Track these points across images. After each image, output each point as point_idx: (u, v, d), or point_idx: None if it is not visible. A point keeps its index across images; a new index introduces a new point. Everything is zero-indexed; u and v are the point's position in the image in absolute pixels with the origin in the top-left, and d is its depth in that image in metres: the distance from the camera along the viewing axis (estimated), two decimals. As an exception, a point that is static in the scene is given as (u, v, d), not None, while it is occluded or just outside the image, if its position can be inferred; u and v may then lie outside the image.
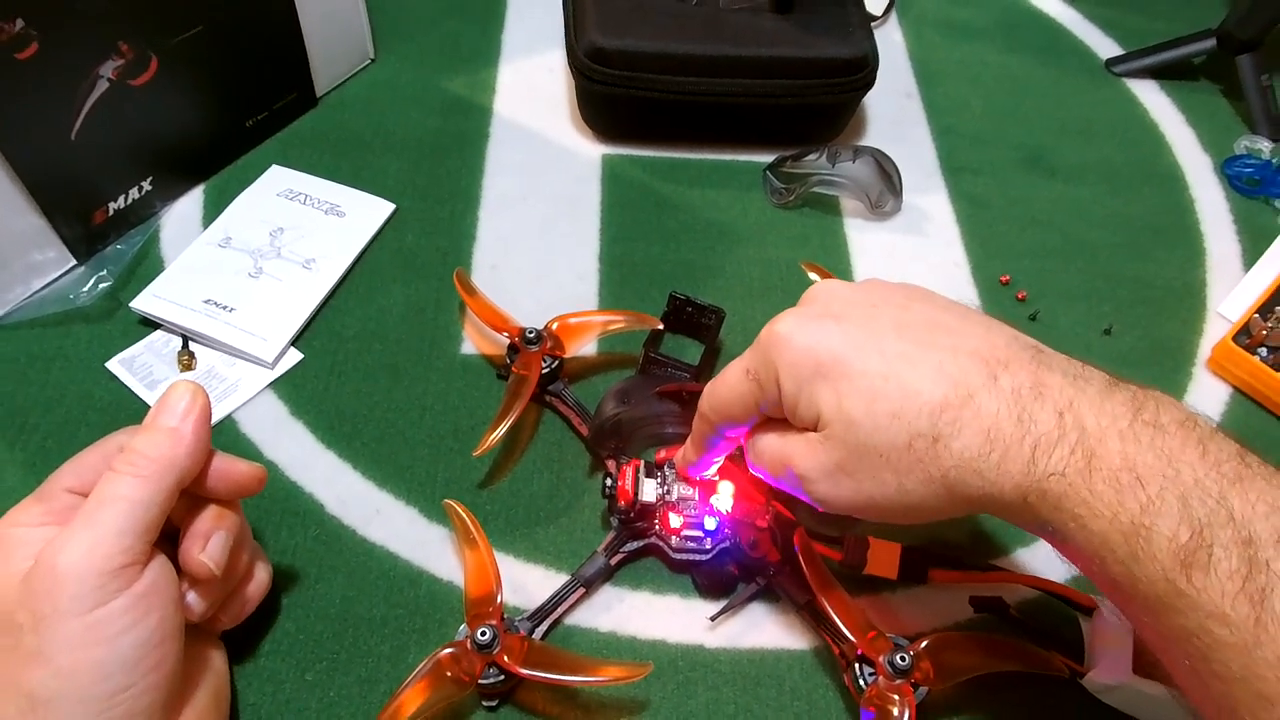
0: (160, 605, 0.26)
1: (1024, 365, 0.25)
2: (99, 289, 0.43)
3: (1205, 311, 0.49)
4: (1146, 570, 0.22)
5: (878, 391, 0.25)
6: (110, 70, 0.40)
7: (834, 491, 0.27)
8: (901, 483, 0.25)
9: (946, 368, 0.25)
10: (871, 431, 0.25)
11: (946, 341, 0.26)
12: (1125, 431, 0.23)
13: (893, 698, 0.30)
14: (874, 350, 0.26)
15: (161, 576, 0.27)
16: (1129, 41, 0.65)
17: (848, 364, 0.26)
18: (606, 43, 0.49)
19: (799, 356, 0.27)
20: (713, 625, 0.35)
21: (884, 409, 0.25)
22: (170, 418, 0.28)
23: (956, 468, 0.24)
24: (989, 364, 0.25)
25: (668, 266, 0.48)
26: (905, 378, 0.25)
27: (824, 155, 0.50)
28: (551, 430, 0.41)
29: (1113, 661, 0.32)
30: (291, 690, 0.33)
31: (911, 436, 0.25)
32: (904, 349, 0.26)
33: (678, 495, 0.36)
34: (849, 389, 0.26)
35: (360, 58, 0.56)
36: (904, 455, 0.25)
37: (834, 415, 0.26)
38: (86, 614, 0.25)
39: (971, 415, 0.24)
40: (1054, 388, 0.24)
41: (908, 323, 0.27)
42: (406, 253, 0.47)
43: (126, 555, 0.25)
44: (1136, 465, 0.23)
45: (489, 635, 0.31)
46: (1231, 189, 0.55)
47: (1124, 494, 0.22)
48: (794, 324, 0.28)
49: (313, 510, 0.37)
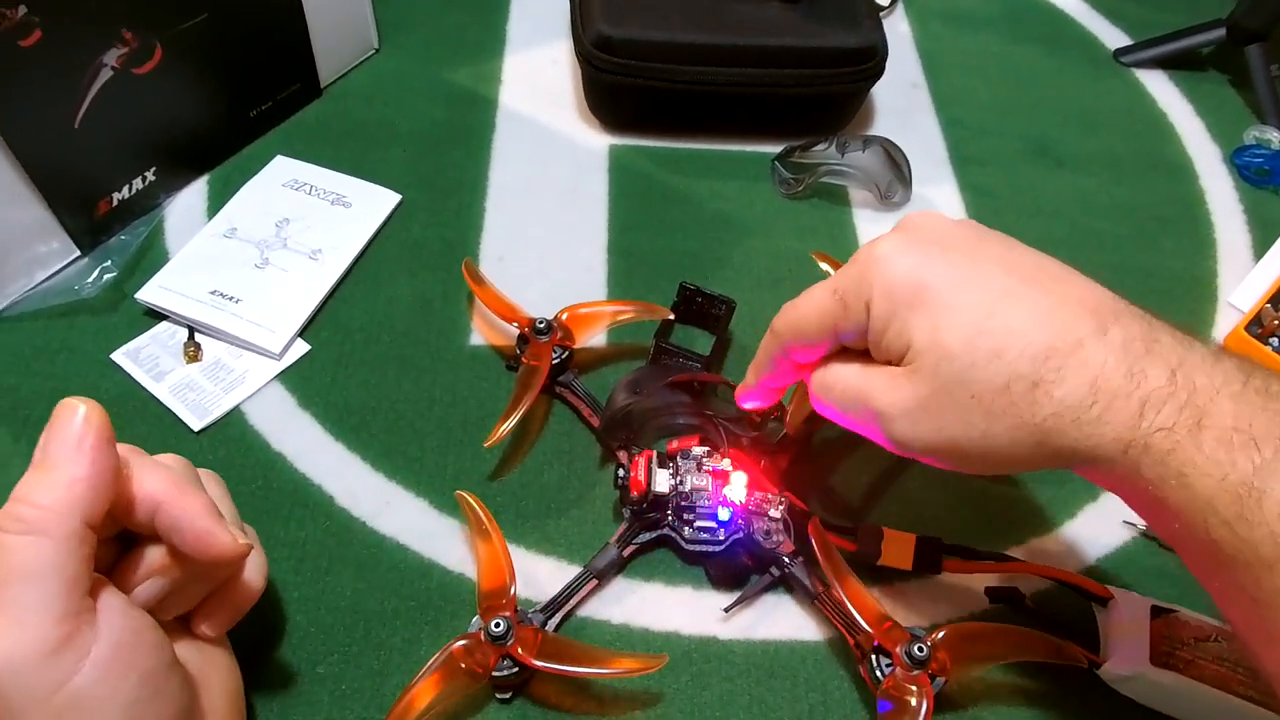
0: (140, 661, 0.23)
1: (1135, 320, 0.24)
2: (103, 280, 0.43)
3: (1216, 302, 0.49)
4: (1255, 533, 0.21)
5: (980, 327, 0.24)
6: (114, 59, 0.40)
7: (912, 431, 0.25)
8: (990, 427, 0.24)
9: (1056, 313, 0.24)
10: (968, 367, 0.24)
11: (1055, 287, 0.25)
12: (1239, 394, 0.23)
13: (910, 688, 0.30)
14: (979, 284, 0.25)
15: (126, 629, 0.23)
16: (1137, 32, 0.64)
17: (951, 294, 0.25)
18: (613, 32, 0.48)
19: (899, 280, 0.25)
20: (726, 617, 0.35)
21: (985, 345, 0.24)
22: (58, 449, 0.23)
23: (1055, 415, 0.23)
24: (1099, 315, 0.24)
25: (676, 257, 0.47)
26: (1010, 316, 0.24)
27: (833, 145, 0.50)
28: (562, 421, 0.40)
29: (1129, 651, 0.32)
30: (304, 684, 0.32)
31: (1011, 378, 0.24)
32: (1011, 286, 0.25)
33: (691, 486, 0.36)
34: (949, 321, 0.24)
35: (364, 48, 0.55)
36: (998, 398, 0.24)
37: (928, 346, 0.25)
38: (48, 700, 0.21)
39: (1078, 364, 0.23)
40: (1165, 345, 0.24)
41: (1014, 262, 0.26)
42: (413, 244, 0.47)
43: (63, 625, 0.22)
44: (1252, 426, 0.22)
45: (503, 627, 0.30)
46: (1241, 179, 0.55)
47: (1236, 454, 0.22)
48: (897, 246, 0.26)
49: (322, 503, 0.37)
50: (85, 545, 0.23)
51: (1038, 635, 0.33)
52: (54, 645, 0.22)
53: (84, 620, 0.22)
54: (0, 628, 0.22)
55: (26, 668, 0.21)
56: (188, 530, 0.25)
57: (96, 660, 0.22)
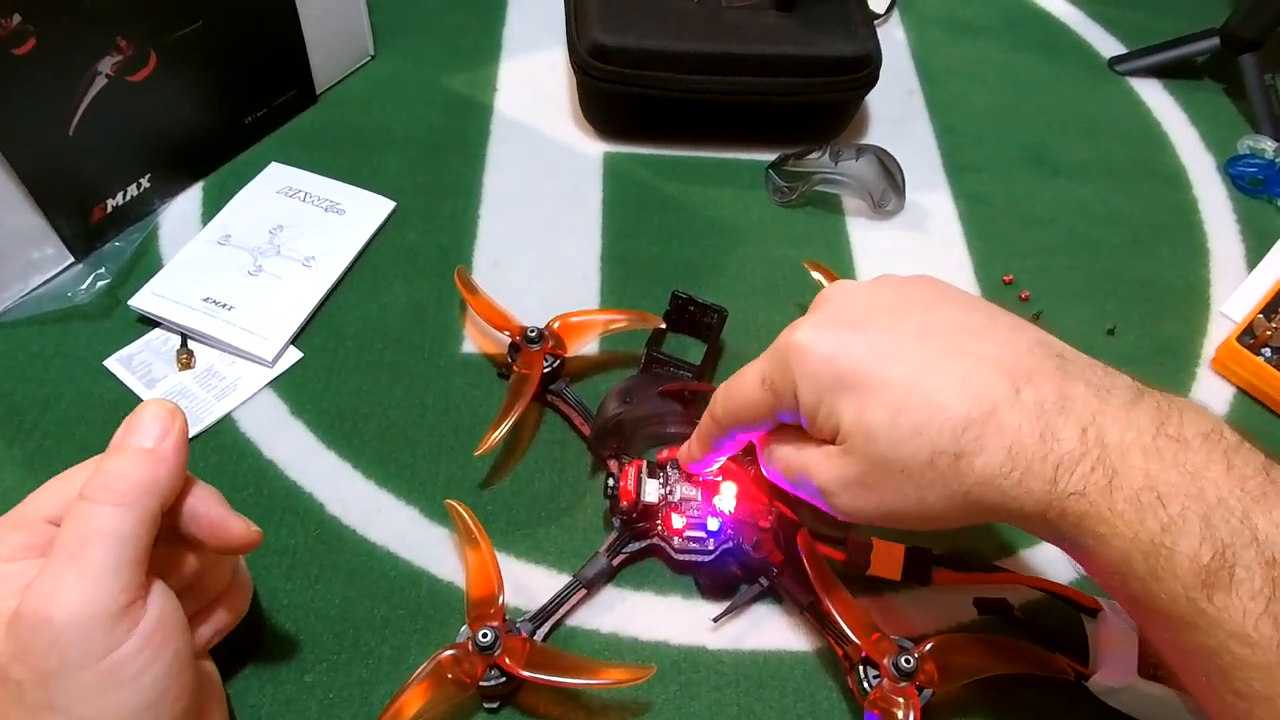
0: (173, 638, 0.25)
1: (1048, 376, 0.25)
2: (97, 287, 0.43)
3: (1209, 312, 0.49)
4: (1167, 588, 0.22)
5: (901, 404, 0.25)
6: (108, 66, 0.40)
7: (854, 504, 0.27)
8: (923, 496, 0.25)
9: (970, 380, 0.25)
10: (894, 446, 0.25)
11: (972, 348, 0.25)
12: (1149, 447, 0.23)
13: (897, 700, 0.30)
14: (897, 359, 0.25)
15: (167, 607, 0.25)
16: (1132, 40, 0.64)
17: (870, 374, 0.25)
18: (608, 40, 0.49)
19: (819, 366, 0.26)
20: (715, 626, 0.35)
21: (907, 422, 0.25)
22: (144, 438, 0.25)
23: (978, 485, 0.24)
24: (1012, 376, 0.25)
25: (669, 265, 0.47)
26: (929, 390, 0.25)
27: (826, 153, 0.50)
28: (553, 430, 0.41)
29: (1118, 663, 0.32)
30: (291, 691, 0.32)
31: (934, 453, 0.24)
32: (928, 358, 0.25)
33: (680, 496, 0.36)
34: (871, 401, 0.25)
35: (360, 54, 0.56)
36: (926, 471, 0.25)
37: (854, 428, 0.26)
38: (98, 662, 0.23)
39: (995, 431, 0.24)
40: (1078, 400, 0.24)
41: (932, 328, 0.26)
42: (407, 251, 0.47)
43: (126, 594, 0.23)
44: (1158, 483, 0.22)
45: (491, 637, 0.31)
46: (1235, 189, 0.55)
47: (1145, 513, 0.22)
48: (813, 332, 0.27)
49: (313, 510, 0.37)
50: (155, 526, 0.25)
51: (1026, 647, 0.33)
52: (116, 611, 0.23)
53: (140, 594, 0.24)
54: (76, 584, 0.23)
55: (91, 626, 0.23)
56: (203, 517, 0.27)
57: (142, 633, 0.24)
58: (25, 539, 0.25)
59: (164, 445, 0.26)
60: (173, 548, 0.27)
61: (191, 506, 0.27)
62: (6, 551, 0.25)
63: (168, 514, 0.26)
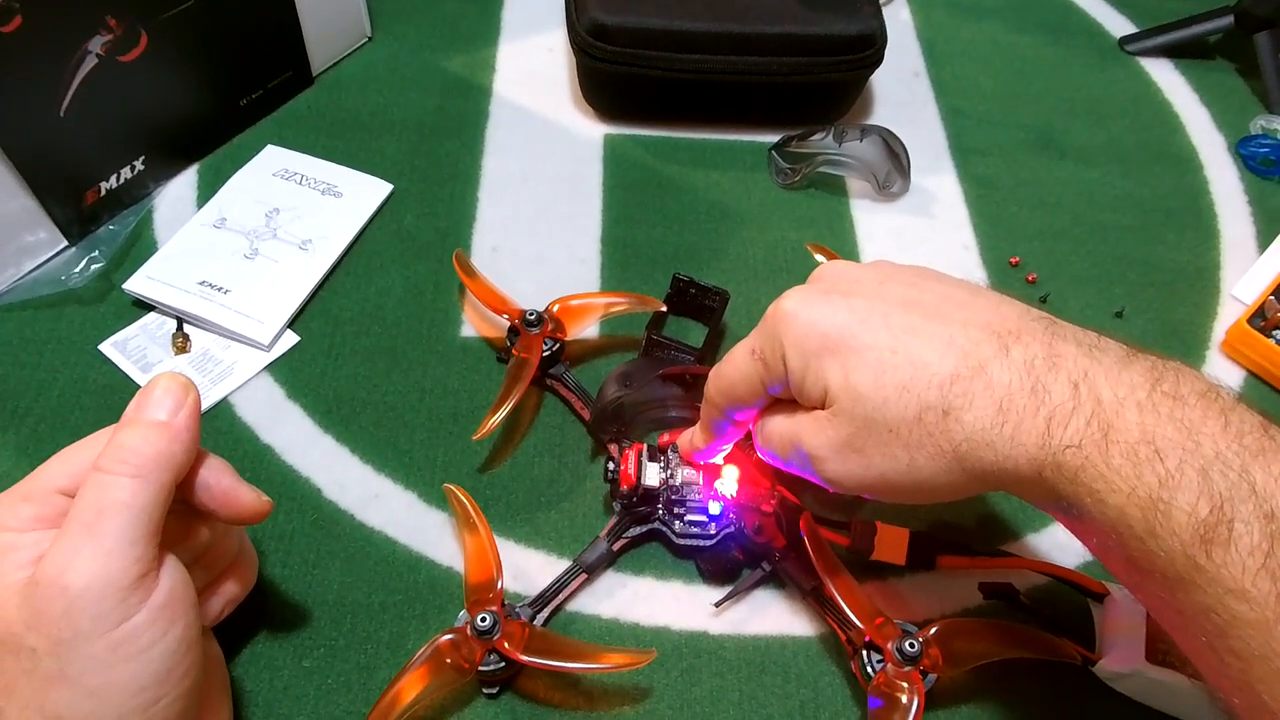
0: (184, 612, 0.25)
1: (1037, 336, 0.25)
2: (91, 270, 0.42)
3: (1219, 294, 0.48)
4: (1165, 545, 0.21)
5: (885, 364, 0.25)
6: (99, 46, 0.39)
7: (843, 469, 0.26)
8: (913, 458, 0.25)
9: (956, 340, 0.25)
10: (880, 405, 0.25)
11: (956, 315, 0.26)
12: (1144, 403, 0.22)
13: (901, 685, 0.30)
14: (881, 324, 0.26)
15: (179, 582, 0.25)
16: (1143, 19, 0.63)
17: (854, 338, 0.26)
18: (608, 19, 0.48)
19: (805, 331, 0.26)
20: (717, 611, 0.35)
21: (892, 381, 0.25)
22: (158, 411, 0.26)
23: (968, 440, 0.24)
24: (1000, 336, 0.25)
25: (670, 248, 0.47)
26: (913, 350, 0.25)
27: (830, 135, 0.49)
28: (552, 414, 0.40)
29: (1125, 649, 0.32)
30: (289, 677, 0.32)
31: (921, 409, 0.24)
32: (912, 322, 0.26)
33: (681, 480, 0.35)
34: (856, 363, 0.25)
35: (357, 36, 0.55)
36: (914, 428, 0.24)
37: (841, 390, 0.26)
38: (110, 633, 0.23)
39: (983, 387, 0.24)
40: (1068, 358, 0.24)
41: (915, 299, 0.27)
42: (405, 234, 0.46)
43: (140, 565, 0.24)
44: (1155, 437, 0.22)
45: (489, 621, 0.30)
46: (1246, 169, 0.54)
47: (1142, 467, 0.22)
48: (800, 300, 0.27)
49: (310, 495, 0.37)
50: (169, 498, 0.25)
51: (1032, 632, 0.33)
52: (130, 582, 0.23)
53: (154, 566, 0.24)
54: (91, 554, 0.23)
55: (104, 595, 0.23)
56: (215, 487, 0.27)
57: (153, 605, 0.24)
58: (35, 510, 0.25)
59: (178, 419, 0.26)
60: (183, 520, 0.28)
61: (203, 478, 0.27)
62: (16, 523, 0.25)
63: (180, 486, 0.26)
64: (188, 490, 0.27)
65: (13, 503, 0.25)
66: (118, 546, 0.23)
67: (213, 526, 0.29)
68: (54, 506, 0.25)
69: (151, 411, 0.26)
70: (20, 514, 0.25)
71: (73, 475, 0.25)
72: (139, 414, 0.26)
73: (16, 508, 0.25)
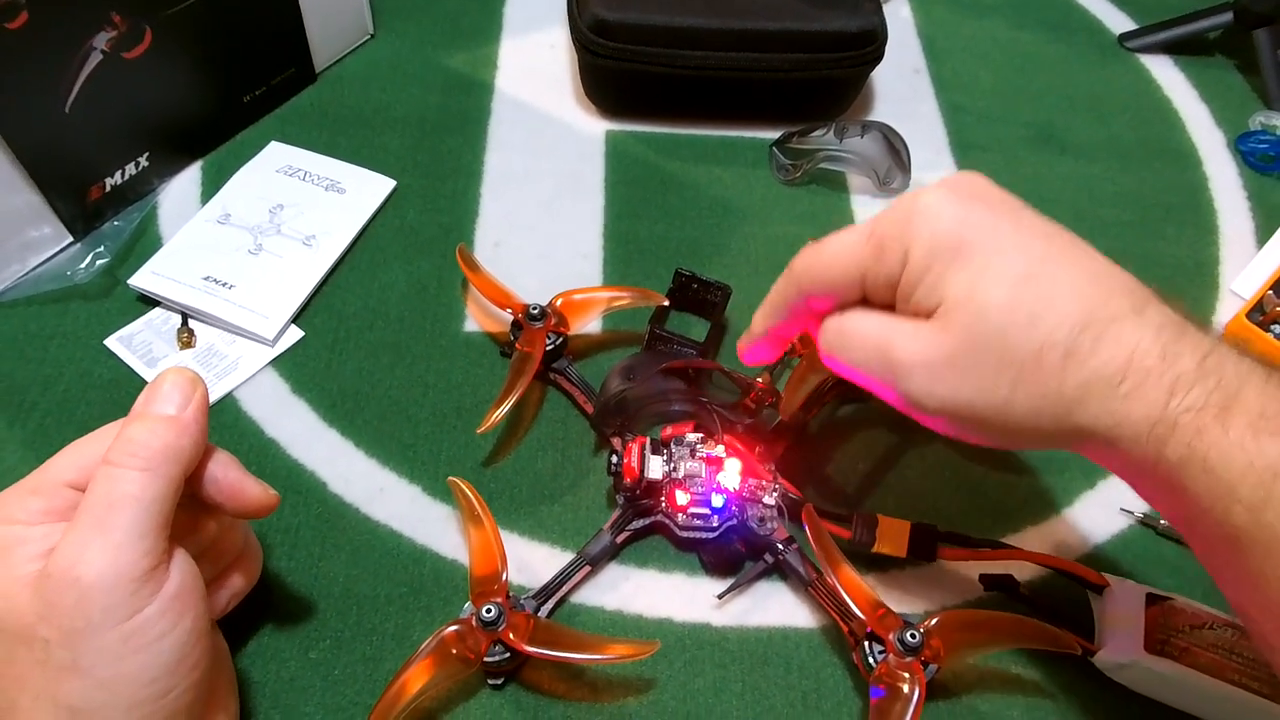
0: (194, 604, 0.25)
1: (1167, 306, 0.25)
2: (96, 266, 0.43)
3: (1218, 289, 0.48)
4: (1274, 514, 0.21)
5: (1019, 289, 0.24)
6: (103, 42, 0.40)
7: (928, 387, 0.25)
8: (1013, 394, 0.24)
9: (1094, 286, 0.24)
10: (1002, 328, 0.23)
11: (1088, 264, 0.25)
12: (1263, 386, 0.23)
13: (903, 675, 0.30)
14: (1021, 247, 0.24)
15: (188, 575, 0.25)
16: (1142, 16, 0.63)
17: (992, 252, 0.24)
18: (610, 15, 0.48)
19: (943, 231, 0.25)
20: (720, 603, 0.35)
21: (1023, 308, 0.24)
22: (166, 405, 0.26)
23: (1083, 386, 0.23)
24: (1134, 295, 0.24)
25: (672, 244, 0.47)
26: (1050, 283, 0.24)
27: (831, 131, 0.49)
28: (556, 408, 0.40)
29: (1124, 639, 0.32)
30: (296, 668, 0.32)
31: (1044, 345, 0.23)
32: (1051, 253, 0.25)
33: (684, 472, 0.35)
34: (988, 278, 0.24)
35: (359, 33, 0.55)
36: (1028, 362, 0.23)
37: (962, 301, 0.24)
38: (122, 624, 0.23)
39: (1114, 338, 0.23)
40: (1194, 334, 0.24)
41: (1052, 234, 0.26)
42: (408, 230, 0.46)
43: (150, 558, 0.24)
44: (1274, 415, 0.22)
45: (494, 612, 0.30)
46: (1245, 165, 0.54)
47: (1264, 440, 0.22)
48: (944, 198, 0.25)
49: (315, 489, 0.37)
50: (178, 492, 0.25)
51: (1032, 623, 0.33)
52: (141, 574, 0.24)
53: (164, 559, 0.25)
54: (102, 547, 0.23)
55: (116, 587, 0.23)
56: (223, 480, 0.27)
57: (164, 597, 0.24)
58: (45, 504, 0.25)
59: (186, 412, 0.26)
60: (190, 513, 0.28)
61: (211, 471, 0.27)
62: (26, 516, 0.25)
63: (188, 480, 0.26)
64: (195, 484, 0.27)
65: (21, 496, 0.25)
66: (128, 539, 0.24)
67: (219, 520, 0.29)
68: (63, 500, 0.25)
69: (160, 406, 0.26)
70: (29, 507, 0.25)
71: (81, 469, 0.25)
72: (148, 408, 0.26)
73: (26, 501, 0.25)
